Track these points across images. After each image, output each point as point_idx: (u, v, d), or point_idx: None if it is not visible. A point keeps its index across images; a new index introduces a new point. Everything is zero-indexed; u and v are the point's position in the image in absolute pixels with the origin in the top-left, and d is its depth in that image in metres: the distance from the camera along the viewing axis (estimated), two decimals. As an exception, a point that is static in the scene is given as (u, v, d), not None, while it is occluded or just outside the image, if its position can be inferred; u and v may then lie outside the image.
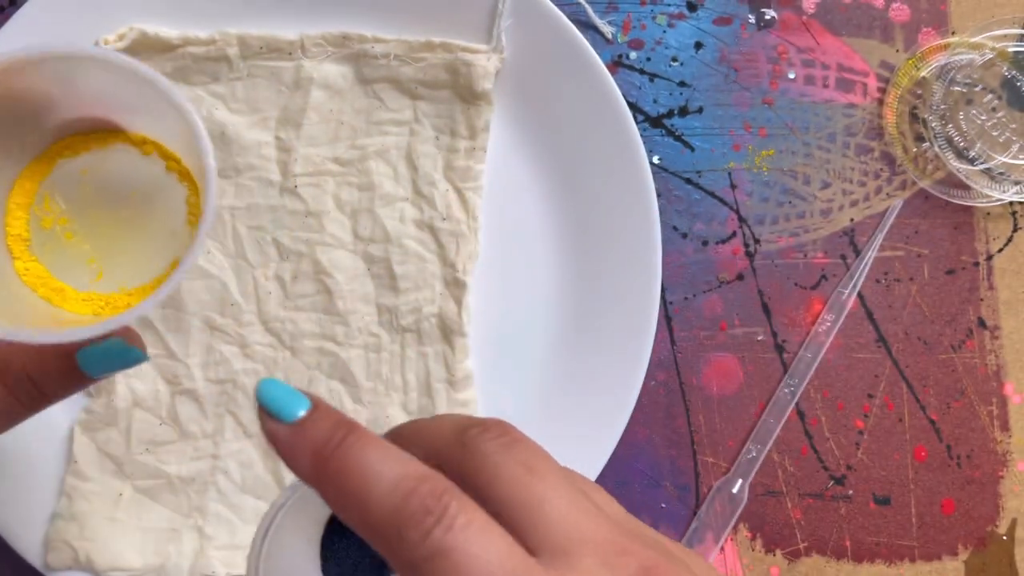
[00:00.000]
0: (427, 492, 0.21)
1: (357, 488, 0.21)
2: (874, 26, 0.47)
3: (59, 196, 0.29)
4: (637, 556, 0.21)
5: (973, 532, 0.45)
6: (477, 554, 0.20)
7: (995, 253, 0.46)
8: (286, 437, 0.23)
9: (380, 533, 0.21)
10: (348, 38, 0.43)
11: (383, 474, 0.21)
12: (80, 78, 0.26)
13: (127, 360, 0.27)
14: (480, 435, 0.23)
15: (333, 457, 0.22)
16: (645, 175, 0.42)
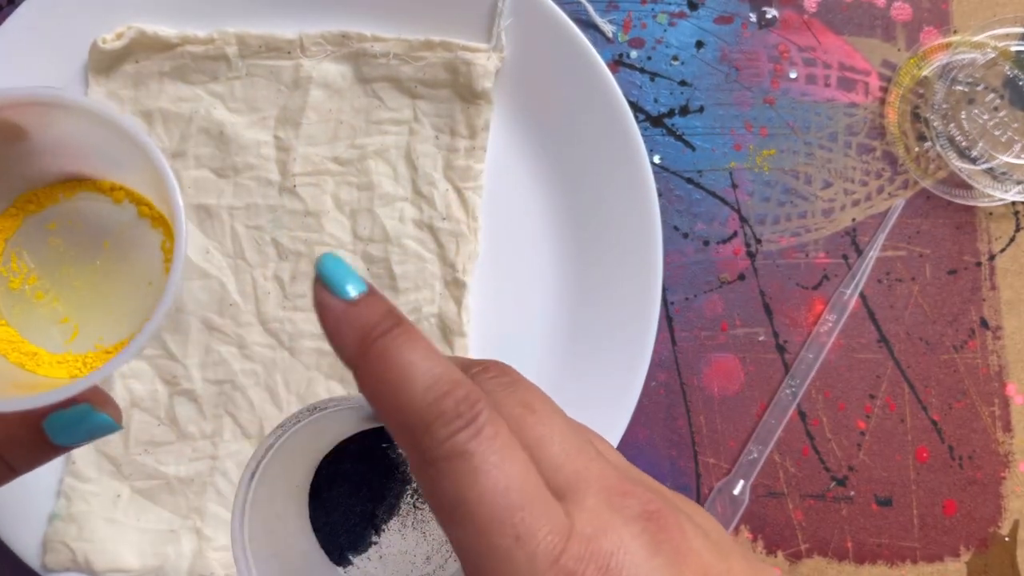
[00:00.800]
0: (462, 396, 0.21)
1: (396, 376, 0.21)
2: (876, 25, 0.47)
3: (26, 254, 0.27)
4: (640, 499, 0.21)
5: (975, 533, 0.45)
6: (496, 465, 0.20)
7: (997, 253, 0.46)
8: (338, 312, 0.22)
9: (408, 424, 0.21)
10: (347, 37, 0.43)
11: (423, 369, 0.21)
12: (53, 123, 0.25)
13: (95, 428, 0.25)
14: (480, 374, 0.23)
15: (379, 342, 0.21)
16: (646, 175, 0.42)
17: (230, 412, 0.42)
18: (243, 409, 0.42)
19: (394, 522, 0.30)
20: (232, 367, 0.42)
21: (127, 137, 0.23)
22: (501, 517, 0.20)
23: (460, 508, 0.20)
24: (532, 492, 0.20)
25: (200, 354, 0.42)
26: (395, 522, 0.30)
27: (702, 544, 0.22)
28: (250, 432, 0.42)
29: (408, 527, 0.30)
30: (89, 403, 0.25)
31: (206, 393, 0.42)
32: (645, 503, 0.22)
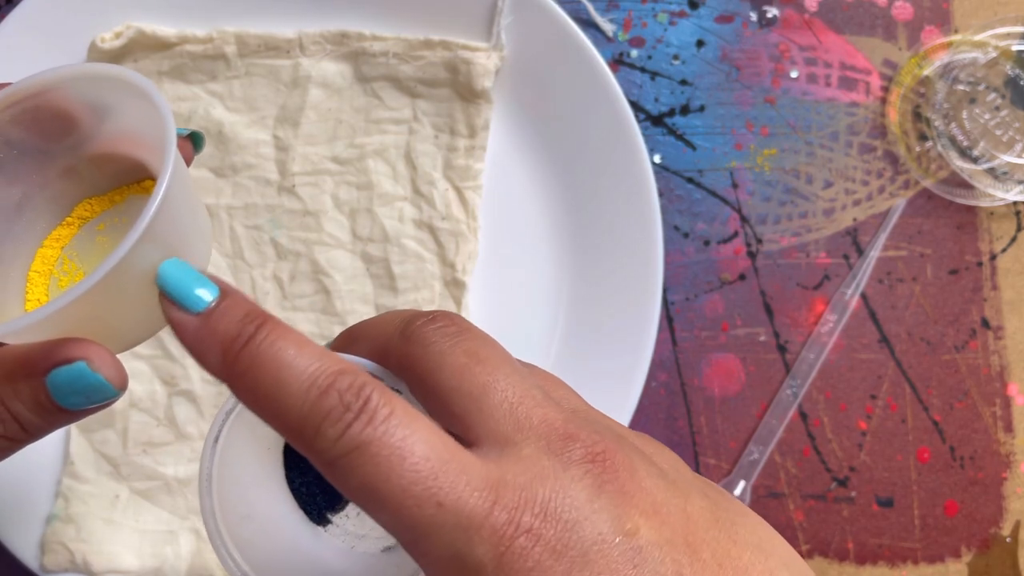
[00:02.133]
0: (346, 386, 0.19)
1: (270, 385, 0.20)
2: (877, 24, 0.46)
3: (76, 255, 0.28)
4: (584, 442, 0.21)
5: (976, 534, 0.45)
6: (398, 446, 0.19)
7: (999, 253, 0.46)
8: (193, 329, 0.21)
9: (297, 432, 0.20)
10: (347, 36, 0.42)
11: (298, 369, 0.20)
12: (106, 104, 0.25)
13: (90, 389, 0.23)
14: (424, 325, 0.22)
15: (244, 352, 0.20)
16: (646, 174, 0.42)
17: (229, 412, 0.42)
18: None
19: None
20: (231, 367, 0.42)
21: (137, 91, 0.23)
22: (417, 491, 0.19)
23: (372, 495, 0.19)
24: (445, 456, 0.19)
25: (199, 354, 0.42)
26: None
27: (655, 483, 0.21)
28: (249, 432, 0.42)
29: None
30: (86, 360, 0.23)
31: (205, 393, 0.42)
32: (590, 446, 0.21)
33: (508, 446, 0.20)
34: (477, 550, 0.19)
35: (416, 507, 0.19)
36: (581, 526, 0.19)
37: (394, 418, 0.19)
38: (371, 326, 0.24)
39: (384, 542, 0.29)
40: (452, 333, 0.22)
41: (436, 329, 0.22)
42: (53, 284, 0.28)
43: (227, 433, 0.24)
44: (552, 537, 0.19)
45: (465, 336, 0.22)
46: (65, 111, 0.25)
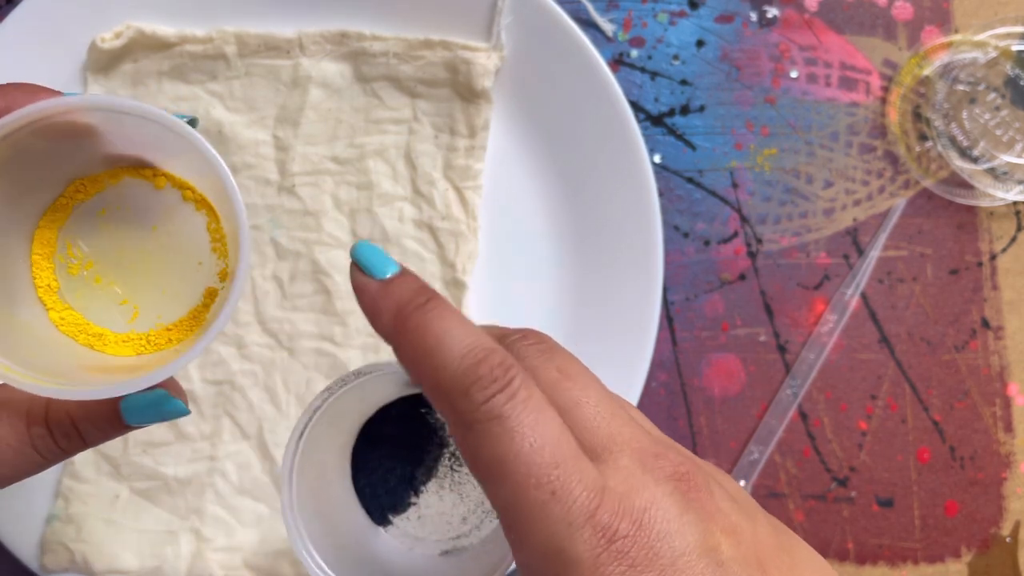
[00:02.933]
0: (496, 362, 0.22)
1: (433, 345, 0.22)
2: (877, 24, 0.46)
3: (81, 240, 0.28)
4: (671, 461, 0.22)
5: (976, 534, 0.45)
6: (531, 425, 0.21)
7: (999, 253, 0.46)
8: (374, 291, 0.24)
9: (446, 389, 0.22)
10: (346, 36, 0.42)
11: (458, 337, 0.22)
12: (111, 122, 0.26)
13: (169, 412, 0.26)
14: (518, 341, 0.24)
15: (414, 315, 0.23)
16: (646, 174, 0.42)
17: (229, 413, 0.42)
18: (242, 410, 0.42)
19: (432, 484, 0.31)
20: (231, 367, 0.42)
21: (179, 134, 0.25)
22: (537, 474, 0.21)
23: (498, 467, 0.21)
24: (566, 451, 0.21)
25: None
26: (433, 484, 0.31)
27: (729, 506, 0.22)
28: (249, 433, 0.42)
29: (445, 489, 0.31)
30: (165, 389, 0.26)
31: (205, 393, 0.42)
32: (676, 465, 0.22)
33: (605, 456, 0.22)
34: (578, 546, 0.20)
35: (534, 488, 0.20)
36: (672, 537, 0.21)
37: (532, 401, 0.21)
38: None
39: (442, 546, 0.31)
40: (543, 350, 0.24)
41: (528, 346, 0.24)
42: (61, 269, 0.28)
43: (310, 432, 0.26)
44: (645, 545, 0.20)
45: (556, 354, 0.24)
46: (84, 126, 0.26)
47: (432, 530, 0.31)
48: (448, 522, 0.31)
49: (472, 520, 0.31)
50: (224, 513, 0.42)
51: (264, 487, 0.42)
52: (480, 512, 0.31)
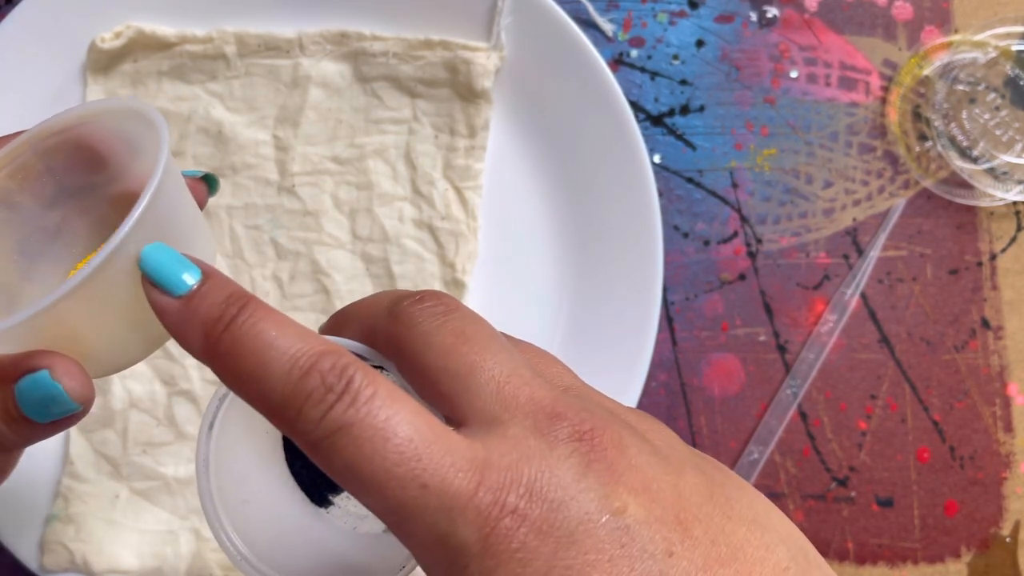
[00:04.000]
0: (328, 367, 0.19)
1: (253, 366, 0.20)
2: (876, 24, 0.46)
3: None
4: (570, 420, 0.20)
5: (976, 534, 0.45)
6: (381, 427, 0.19)
7: (998, 253, 0.46)
8: (175, 312, 0.21)
9: (279, 413, 0.20)
10: (346, 36, 0.42)
11: (280, 350, 0.20)
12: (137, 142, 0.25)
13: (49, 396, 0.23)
14: (412, 305, 0.22)
15: (226, 334, 0.20)
16: (646, 174, 0.42)
17: (229, 412, 0.42)
18: (242, 409, 0.42)
19: None
20: (231, 367, 0.42)
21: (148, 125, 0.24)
22: (400, 472, 0.19)
23: (359, 478, 0.19)
24: (430, 437, 0.19)
25: (199, 354, 0.42)
26: None
27: (646, 460, 0.20)
28: (249, 432, 0.42)
29: None
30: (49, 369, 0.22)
31: (204, 393, 0.42)
32: (577, 424, 0.20)
33: (495, 426, 0.20)
34: (461, 531, 0.19)
35: (400, 488, 0.19)
36: (567, 506, 0.19)
37: (377, 399, 0.19)
38: (360, 307, 0.24)
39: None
40: (439, 312, 0.22)
41: (423, 309, 0.22)
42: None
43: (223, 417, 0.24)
44: (538, 517, 0.19)
45: (453, 316, 0.22)
46: (97, 146, 0.26)
47: None
48: None
49: None
50: (224, 513, 0.42)
51: (264, 487, 0.42)
52: None
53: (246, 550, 0.24)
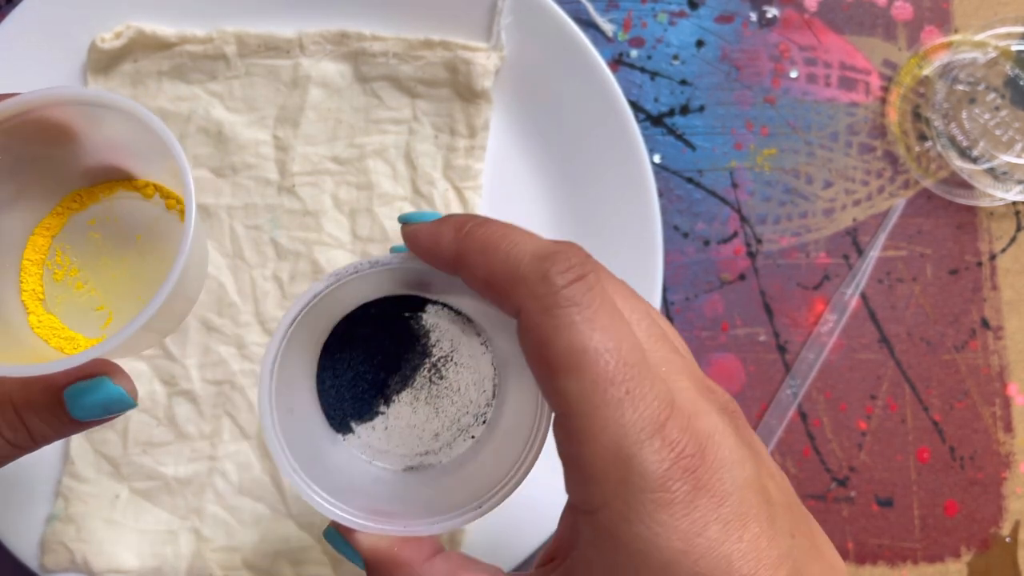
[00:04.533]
0: (573, 252, 0.22)
1: (503, 241, 0.22)
2: (876, 24, 0.46)
3: (70, 249, 0.29)
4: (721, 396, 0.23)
5: (976, 534, 0.45)
6: (610, 322, 0.21)
7: (998, 253, 0.46)
8: (429, 227, 0.24)
9: (523, 275, 0.22)
10: (347, 36, 0.42)
11: (528, 237, 0.23)
12: (97, 122, 0.27)
13: (110, 400, 0.25)
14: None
15: (476, 228, 0.23)
16: (646, 174, 0.42)
17: (229, 412, 0.42)
18: (242, 410, 0.42)
19: (406, 394, 0.29)
20: (231, 367, 0.42)
21: (151, 131, 0.25)
22: (614, 370, 0.20)
23: (577, 356, 0.21)
24: (639, 355, 0.21)
25: (199, 354, 0.42)
26: (407, 394, 0.29)
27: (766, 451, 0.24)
28: (249, 433, 0.42)
29: (420, 401, 0.29)
30: (108, 376, 0.25)
31: (205, 393, 0.42)
32: (725, 402, 0.23)
33: (665, 372, 0.22)
34: (648, 455, 0.20)
35: (611, 384, 0.20)
36: (732, 468, 0.21)
37: (608, 299, 0.22)
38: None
39: (407, 461, 0.29)
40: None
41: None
42: (47, 275, 0.29)
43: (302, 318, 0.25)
44: (708, 469, 0.21)
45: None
46: (62, 124, 0.26)
47: (399, 443, 0.29)
48: (418, 437, 0.29)
49: (444, 437, 0.29)
50: (224, 513, 0.42)
51: (264, 487, 0.42)
52: (455, 430, 0.29)
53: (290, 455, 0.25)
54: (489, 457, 0.28)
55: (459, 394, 0.29)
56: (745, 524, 0.21)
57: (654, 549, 0.21)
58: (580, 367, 0.21)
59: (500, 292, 0.23)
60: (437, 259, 0.24)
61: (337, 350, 0.29)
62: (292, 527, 0.42)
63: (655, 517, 0.20)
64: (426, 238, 0.24)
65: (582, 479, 0.21)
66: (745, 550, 0.21)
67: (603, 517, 0.21)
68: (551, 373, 0.21)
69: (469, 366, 0.29)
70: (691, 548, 0.20)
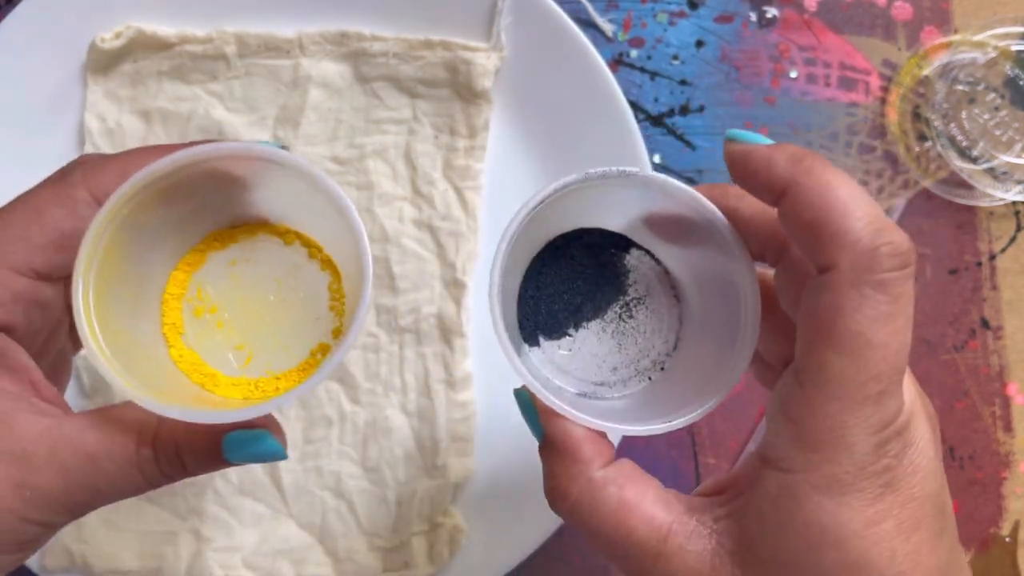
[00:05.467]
0: (902, 239, 0.22)
1: (844, 194, 0.22)
2: (876, 24, 0.46)
3: (210, 286, 0.30)
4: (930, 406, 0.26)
5: (976, 534, 0.45)
6: (906, 322, 0.22)
7: (998, 253, 0.46)
8: (764, 149, 0.24)
9: (854, 238, 0.22)
10: (347, 36, 0.42)
11: (866, 201, 0.22)
12: (263, 176, 0.28)
13: (268, 451, 0.27)
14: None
15: (817, 163, 0.23)
16: (646, 174, 0.42)
17: (229, 412, 0.42)
18: (242, 409, 0.42)
19: (595, 324, 0.31)
20: (231, 367, 0.42)
21: (329, 197, 0.26)
22: (883, 370, 0.22)
23: (861, 341, 0.22)
24: (904, 363, 0.23)
25: (199, 354, 0.42)
26: (596, 324, 0.31)
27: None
28: (249, 432, 0.42)
29: (607, 334, 0.31)
30: (267, 429, 0.27)
31: (205, 393, 0.42)
32: (932, 413, 0.25)
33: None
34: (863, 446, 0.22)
35: (873, 381, 0.22)
36: (925, 479, 0.23)
37: (911, 299, 0.23)
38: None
39: (582, 387, 0.31)
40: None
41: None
42: (187, 310, 0.30)
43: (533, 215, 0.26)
44: (902, 472, 0.23)
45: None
46: (235, 176, 0.28)
47: (577, 367, 0.31)
48: (598, 366, 0.31)
49: (621, 373, 0.31)
50: (224, 513, 0.42)
51: (264, 487, 0.42)
52: (632, 369, 0.31)
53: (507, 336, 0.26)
54: (662, 400, 0.29)
55: (644, 336, 0.31)
56: (916, 528, 0.23)
57: (834, 523, 0.22)
58: (856, 352, 0.22)
59: (820, 239, 0.23)
60: (761, 183, 0.24)
61: (547, 263, 0.30)
62: (292, 527, 0.42)
63: (844, 498, 0.22)
64: (759, 159, 0.24)
65: (794, 440, 0.23)
66: (909, 550, 0.23)
67: (797, 479, 0.23)
68: (826, 341, 0.22)
69: (658, 313, 0.31)
70: (866, 533, 0.22)
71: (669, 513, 0.25)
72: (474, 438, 0.42)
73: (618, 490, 0.25)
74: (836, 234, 0.22)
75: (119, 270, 0.27)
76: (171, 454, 0.26)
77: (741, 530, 0.24)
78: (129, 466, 0.26)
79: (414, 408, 0.42)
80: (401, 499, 0.42)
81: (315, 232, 0.31)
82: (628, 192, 0.27)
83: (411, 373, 0.42)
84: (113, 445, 0.26)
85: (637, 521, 0.25)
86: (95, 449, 0.25)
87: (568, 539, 0.43)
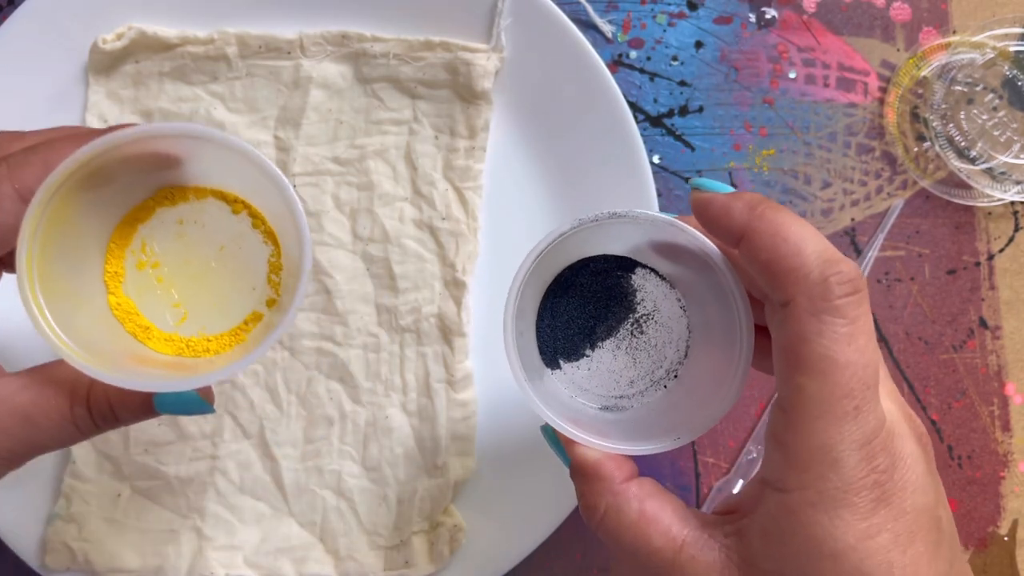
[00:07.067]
0: (851, 267, 0.24)
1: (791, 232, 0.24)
2: (875, 25, 0.47)
3: (155, 242, 0.31)
4: (919, 426, 0.27)
5: (974, 533, 0.45)
6: (866, 342, 0.24)
7: (996, 253, 0.46)
8: (723, 198, 0.26)
9: (805, 271, 0.24)
10: (347, 37, 0.43)
11: (814, 235, 0.24)
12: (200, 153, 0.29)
13: (197, 408, 0.29)
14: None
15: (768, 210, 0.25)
16: (645, 175, 0.42)
17: (230, 412, 0.42)
18: (243, 409, 0.42)
19: (609, 342, 0.33)
20: (232, 367, 0.42)
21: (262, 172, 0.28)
22: (854, 386, 0.23)
23: (826, 363, 0.23)
24: (876, 379, 0.24)
25: (200, 354, 0.42)
26: (610, 342, 0.33)
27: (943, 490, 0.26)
28: (250, 432, 0.42)
29: (621, 350, 0.33)
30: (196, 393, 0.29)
31: (206, 393, 0.42)
32: (921, 432, 0.26)
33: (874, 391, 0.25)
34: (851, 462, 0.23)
35: (846, 398, 0.23)
36: (917, 493, 0.24)
37: (870, 322, 0.24)
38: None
39: (604, 401, 0.33)
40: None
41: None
42: (130, 261, 0.31)
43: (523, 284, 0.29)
44: (894, 487, 0.24)
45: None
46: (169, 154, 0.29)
47: (598, 383, 0.33)
48: (616, 381, 0.33)
49: (639, 385, 0.33)
50: (225, 512, 0.42)
51: (265, 486, 0.42)
52: (648, 380, 0.33)
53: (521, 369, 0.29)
54: (679, 406, 0.31)
55: (656, 348, 0.33)
56: (912, 541, 0.24)
57: (829, 538, 0.24)
58: (826, 373, 0.23)
59: (776, 277, 0.25)
60: (721, 229, 0.26)
61: (558, 294, 0.33)
62: (293, 526, 0.42)
63: (839, 512, 0.23)
64: (718, 207, 0.26)
65: (786, 462, 0.24)
66: (906, 563, 0.24)
67: (793, 498, 0.24)
68: (797, 367, 0.24)
69: (667, 325, 0.33)
70: (861, 547, 0.23)
71: (684, 527, 0.27)
72: (474, 437, 0.42)
73: (639, 504, 0.27)
74: (789, 270, 0.24)
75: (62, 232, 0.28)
76: (104, 410, 0.28)
77: (747, 545, 0.26)
78: (65, 423, 0.28)
79: (415, 407, 0.43)
80: (402, 498, 0.42)
81: (262, 207, 0.32)
82: (622, 227, 0.29)
83: (412, 373, 0.43)
84: (48, 405, 0.28)
85: (655, 532, 0.27)
86: (31, 410, 0.27)
87: (568, 536, 0.43)
